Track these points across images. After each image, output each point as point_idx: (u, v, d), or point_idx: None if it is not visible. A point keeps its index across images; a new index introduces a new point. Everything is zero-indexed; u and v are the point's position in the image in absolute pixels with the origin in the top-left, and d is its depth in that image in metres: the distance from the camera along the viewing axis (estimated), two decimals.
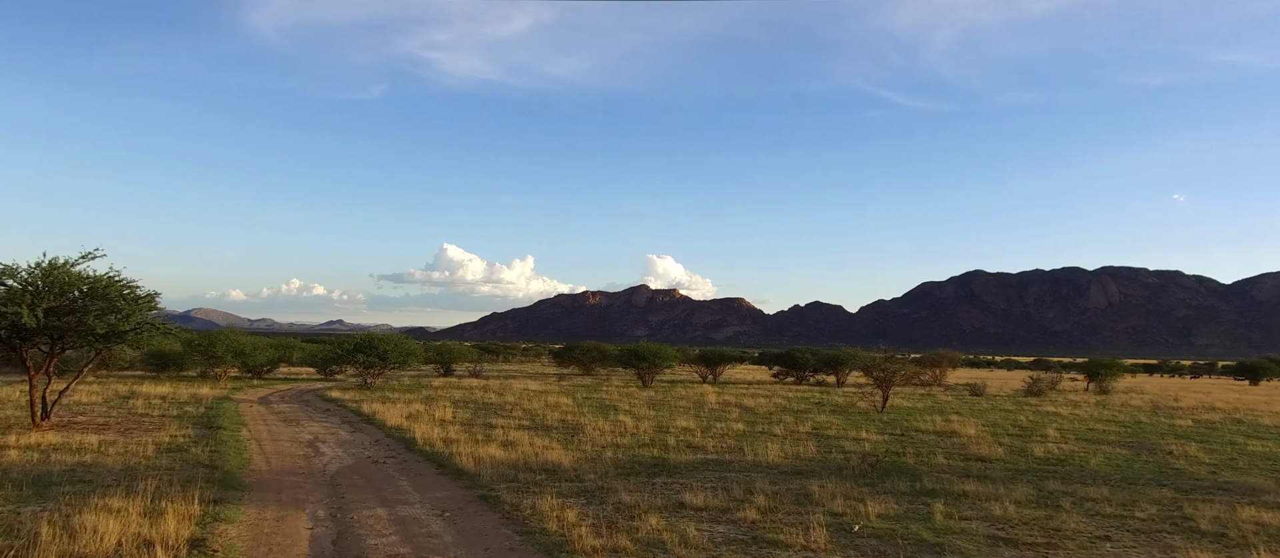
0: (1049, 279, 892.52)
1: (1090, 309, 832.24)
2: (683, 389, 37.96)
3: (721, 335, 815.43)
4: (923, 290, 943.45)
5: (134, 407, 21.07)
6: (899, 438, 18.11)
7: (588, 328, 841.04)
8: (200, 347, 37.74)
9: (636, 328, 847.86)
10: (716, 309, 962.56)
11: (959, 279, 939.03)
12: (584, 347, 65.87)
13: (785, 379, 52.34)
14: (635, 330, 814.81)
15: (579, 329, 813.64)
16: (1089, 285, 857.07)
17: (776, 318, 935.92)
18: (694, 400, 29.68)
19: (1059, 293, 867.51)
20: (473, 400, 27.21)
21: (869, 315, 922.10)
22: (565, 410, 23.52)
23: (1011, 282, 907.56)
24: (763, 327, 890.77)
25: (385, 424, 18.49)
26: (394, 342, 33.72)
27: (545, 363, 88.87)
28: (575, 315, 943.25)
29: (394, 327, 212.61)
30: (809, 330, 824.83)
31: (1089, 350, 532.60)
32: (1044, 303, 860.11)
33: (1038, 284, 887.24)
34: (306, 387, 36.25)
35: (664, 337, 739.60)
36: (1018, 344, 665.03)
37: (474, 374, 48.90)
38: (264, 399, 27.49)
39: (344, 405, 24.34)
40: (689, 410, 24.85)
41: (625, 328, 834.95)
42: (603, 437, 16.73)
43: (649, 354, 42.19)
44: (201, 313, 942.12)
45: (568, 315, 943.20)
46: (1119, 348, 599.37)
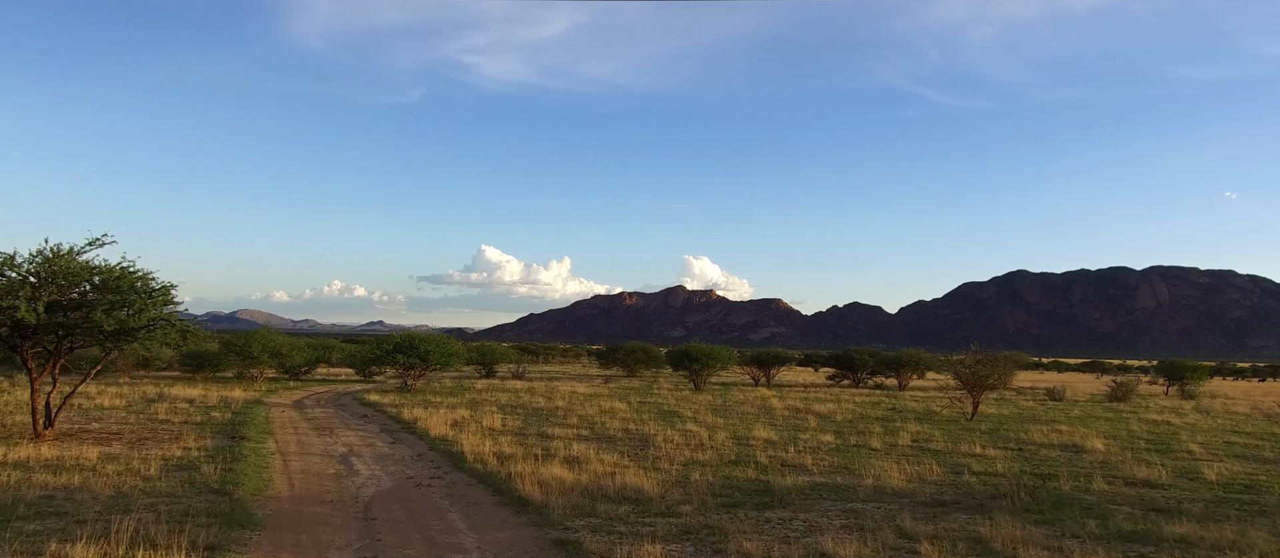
0: (1095, 279, 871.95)
1: (1139, 310, 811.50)
2: (739, 393, 35.54)
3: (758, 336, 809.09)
4: (964, 291, 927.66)
5: (155, 412, 19.23)
6: (1020, 454, 15.56)
7: (624, 329, 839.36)
8: (236, 347, 36.16)
9: (673, 329, 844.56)
10: (753, 310, 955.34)
11: (1001, 279, 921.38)
12: (628, 348, 63.61)
13: (841, 382, 49.65)
14: (671, 331, 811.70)
15: (615, 330, 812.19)
16: (1137, 286, 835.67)
17: (814, 319, 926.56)
18: (758, 406, 27.28)
19: (1105, 293, 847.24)
20: (521, 406, 25.09)
21: (908, 316, 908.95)
22: (624, 418, 21.27)
23: (1056, 282, 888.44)
24: (800, 328, 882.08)
25: (428, 434, 16.37)
26: (435, 342, 31.76)
27: (585, 364, 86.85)
28: (612, 316, 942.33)
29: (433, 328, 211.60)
30: (847, 331, 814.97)
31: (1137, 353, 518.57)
32: (1090, 303, 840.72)
33: (1083, 284, 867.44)
34: (344, 389, 34.45)
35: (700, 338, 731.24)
36: (1062, 346, 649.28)
37: (517, 376, 46.93)
38: (298, 403, 25.63)
39: (383, 411, 22.34)
40: (758, 417, 22.48)
41: (662, 329, 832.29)
42: (678, 451, 14.43)
43: (701, 355, 39.82)
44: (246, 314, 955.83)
45: (604, 316, 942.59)
46: (1169, 349, 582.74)
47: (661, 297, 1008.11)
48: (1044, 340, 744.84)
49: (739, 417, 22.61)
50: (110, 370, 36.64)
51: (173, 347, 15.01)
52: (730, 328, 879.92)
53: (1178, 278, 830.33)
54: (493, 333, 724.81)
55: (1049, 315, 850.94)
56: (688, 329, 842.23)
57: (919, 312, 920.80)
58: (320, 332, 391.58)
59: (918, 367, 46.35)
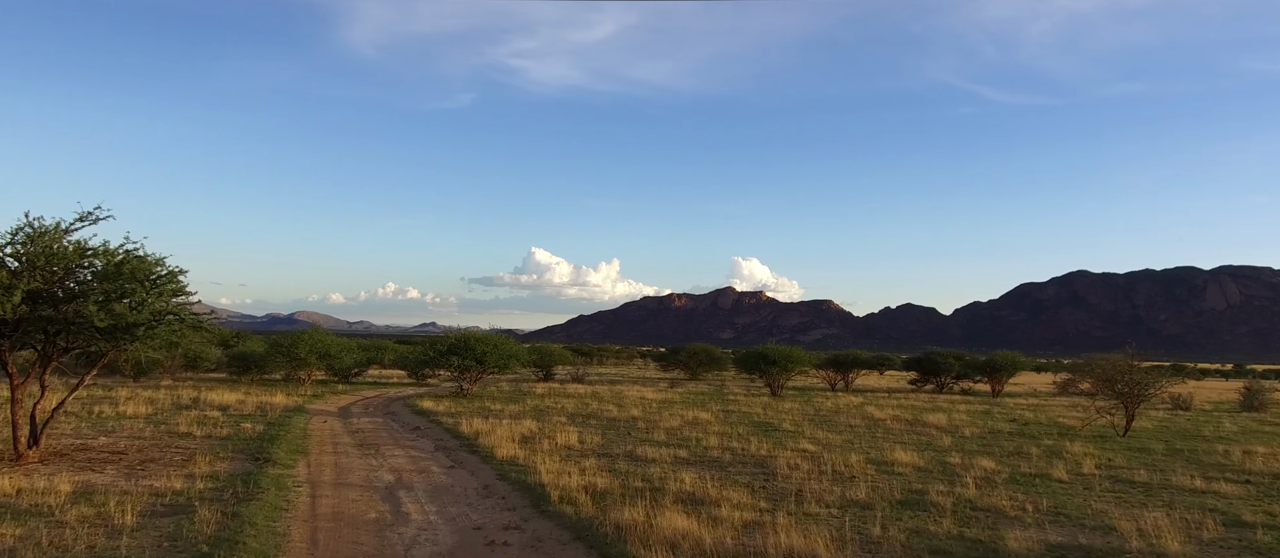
0: (1160, 279, 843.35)
1: (1207, 311, 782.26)
2: (824, 400, 32.06)
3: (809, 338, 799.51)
4: (1022, 292, 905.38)
5: (178, 423, 16.55)
6: (1262, 489, 11.95)
7: (673, 330, 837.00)
8: (283, 348, 33.82)
9: (722, 331, 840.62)
10: (804, 311, 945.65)
11: (1061, 280, 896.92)
12: (690, 349, 60.42)
13: (923, 387, 45.77)
14: (721, 333, 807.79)
15: (664, 331, 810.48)
16: (1205, 286, 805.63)
17: (866, 320, 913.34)
18: (859, 416, 23.84)
19: (1171, 294, 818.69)
20: (592, 414, 22.05)
21: (964, 318, 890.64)
22: (718, 432, 18.05)
23: (1118, 282, 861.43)
24: (852, 329, 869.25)
25: (493, 454, 13.36)
26: (492, 343, 28.91)
27: (640, 366, 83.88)
28: (661, 318, 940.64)
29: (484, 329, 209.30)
30: (900, 333, 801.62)
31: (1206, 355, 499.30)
32: (1155, 304, 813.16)
33: (1148, 284, 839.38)
34: (396, 393, 31.82)
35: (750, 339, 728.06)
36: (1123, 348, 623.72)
37: (576, 379, 43.99)
38: (344, 410, 22.93)
39: (438, 421, 19.45)
40: (870, 431, 19.09)
41: (711, 330, 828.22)
42: (815, 483, 11.19)
43: (778, 358, 36.37)
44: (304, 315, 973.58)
45: (653, 318, 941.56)
46: (1240, 352, 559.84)
47: (711, 298, 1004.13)
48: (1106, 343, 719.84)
49: (849, 431, 19.24)
50: (152, 372, 34.63)
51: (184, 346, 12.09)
52: (780, 330, 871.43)
53: (1249, 278, 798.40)
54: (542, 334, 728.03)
55: (1111, 317, 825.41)
56: (737, 331, 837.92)
57: (974, 313, 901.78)
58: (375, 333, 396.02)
59: (1013, 370, 42.25)
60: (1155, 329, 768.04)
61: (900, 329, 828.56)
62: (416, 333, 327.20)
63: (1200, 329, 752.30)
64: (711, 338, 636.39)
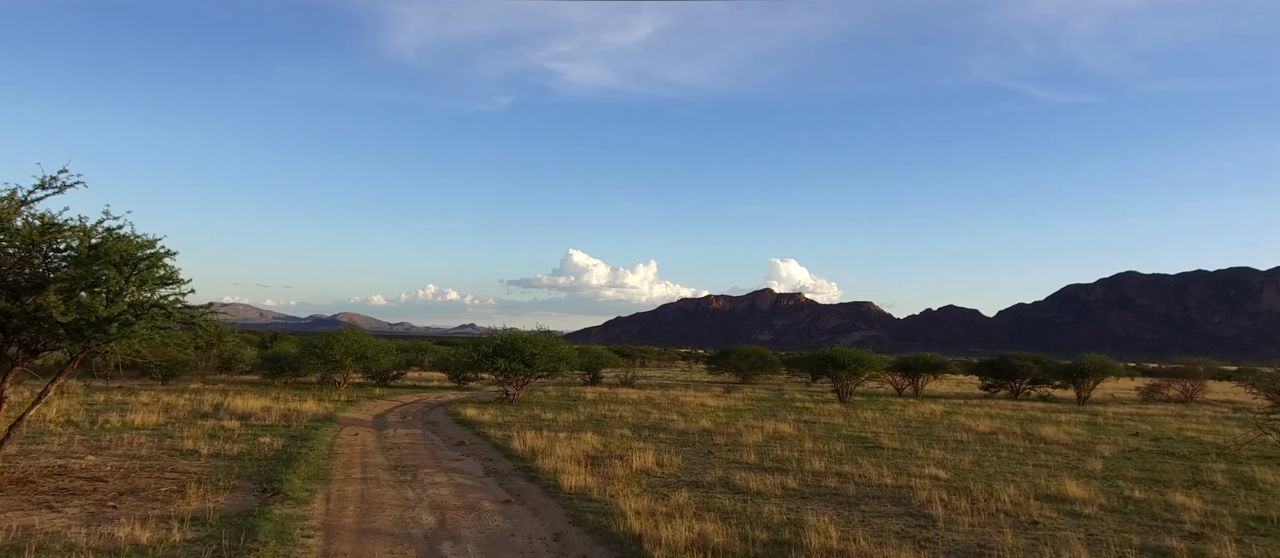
0: (1213, 280, 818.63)
1: (1264, 313, 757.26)
2: (899, 406, 29.01)
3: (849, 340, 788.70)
4: (1068, 293, 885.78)
5: (185, 439, 14.15)
6: None
7: (711, 332, 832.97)
8: (317, 349, 31.66)
9: (760, 332, 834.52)
10: (843, 313, 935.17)
11: (1108, 281, 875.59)
12: (742, 352, 57.71)
13: (996, 393, 42.42)
14: (759, 335, 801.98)
15: (702, 333, 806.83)
16: (1261, 287, 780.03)
17: (907, 322, 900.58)
18: (961, 429, 20.84)
19: (1225, 295, 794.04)
20: (658, 426, 19.36)
21: (1008, 320, 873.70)
22: (811, 450, 15.26)
23: (1169, 283, 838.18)
24: (892, 332, 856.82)
25: (558, 483, 10.73)
26: (541, 343, 26.34)
27: (685, 368, 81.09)
28: (698, 319, 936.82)
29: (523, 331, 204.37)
30: (942, 335, 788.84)
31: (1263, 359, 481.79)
32: (1208, 306, 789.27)
33: (1200, 286, 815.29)
34: (436, 398, 29.44)
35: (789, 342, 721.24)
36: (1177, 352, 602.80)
37: (626, 383, 41.38)
38: (379, 419, 20.51)
39: (484, 434, 16.90)
40: (991, 450, 16.15)
41: (749, 332, 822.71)
42: (997, 533, 8.39)
43: (848, 362, 33.34)
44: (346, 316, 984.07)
45: (691, 319, 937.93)
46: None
47: (748, 300, 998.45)
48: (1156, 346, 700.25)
49: (964, 449, 16.29)
50: (181, 374, 32.69)
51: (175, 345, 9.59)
52: (819, 332, 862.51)
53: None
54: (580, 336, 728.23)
55: (1162, 319, 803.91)
56: (775, 333, 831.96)
57: (1019, 315, 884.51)
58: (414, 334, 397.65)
59: (1103, 375, 38.72)
60: (1209, 332, 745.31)
61: (942, 331, 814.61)
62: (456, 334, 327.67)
63: (1256, 332, 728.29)
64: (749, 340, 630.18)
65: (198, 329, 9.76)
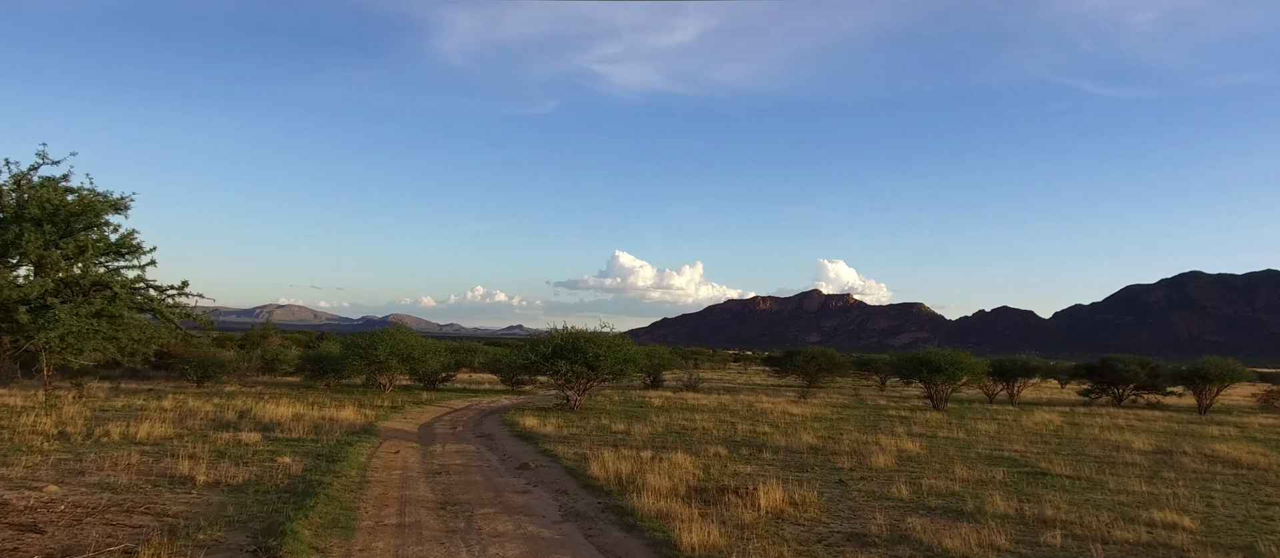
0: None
1: None
2: (1014, 417, 25.39)
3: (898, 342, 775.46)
4: (1128, 294, 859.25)
5: (183, 461, 11.35)
6: None
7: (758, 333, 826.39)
8: (360, 349, 29.10)
9: (808, 334, 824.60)
10: (893, 315, 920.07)
11: (1171, 282, 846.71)
12: (808, 353, 54.21)
13: (1097, 400, 38.37)
14: (807, 336, 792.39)
15: (749, 335, 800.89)
16: None
17: (959, 324, 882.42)
18: (1118, 446, 17.29)
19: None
20: (754, 442, 16.19)
21: (1064, 322, 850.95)
22: (967, 477, 11.97)
23: (1237, 283, 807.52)
24: (944, 334, 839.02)
25: (667, 533, 7.66)
26: (607, 344, 23.30)
27: (737, 370, 77.72)
28: (745, 321, 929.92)
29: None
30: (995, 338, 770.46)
31: None
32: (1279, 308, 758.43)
33: (1271, 286, 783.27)
34: (489, 403, 26.63)
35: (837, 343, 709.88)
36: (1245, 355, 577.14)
37: (689, 386, 38.25)
38: (426, 430, 17.66)
39: (552, 452, 13.89)
40: (1180, 475, 12.68)
41: (796, 334, 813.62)
42: None
43: (944, 365, 29.71)
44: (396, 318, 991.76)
45: (737, 321, 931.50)
46: None
47: (796, 301, 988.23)
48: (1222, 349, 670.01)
49: (1157, 478, 12.82)
50: (217, 376, 30.39)
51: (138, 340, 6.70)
52: (868, 333, 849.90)
53: None
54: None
55: (1228, 321, 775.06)
56: (824, 334, 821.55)
57: (1076, 316, 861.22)
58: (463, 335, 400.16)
59: (1230, 381, 34.48)
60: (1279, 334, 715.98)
61: (995, 333, 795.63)
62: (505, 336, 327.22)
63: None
64: (797, 342, 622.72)
65: (164, 319, 6.89)
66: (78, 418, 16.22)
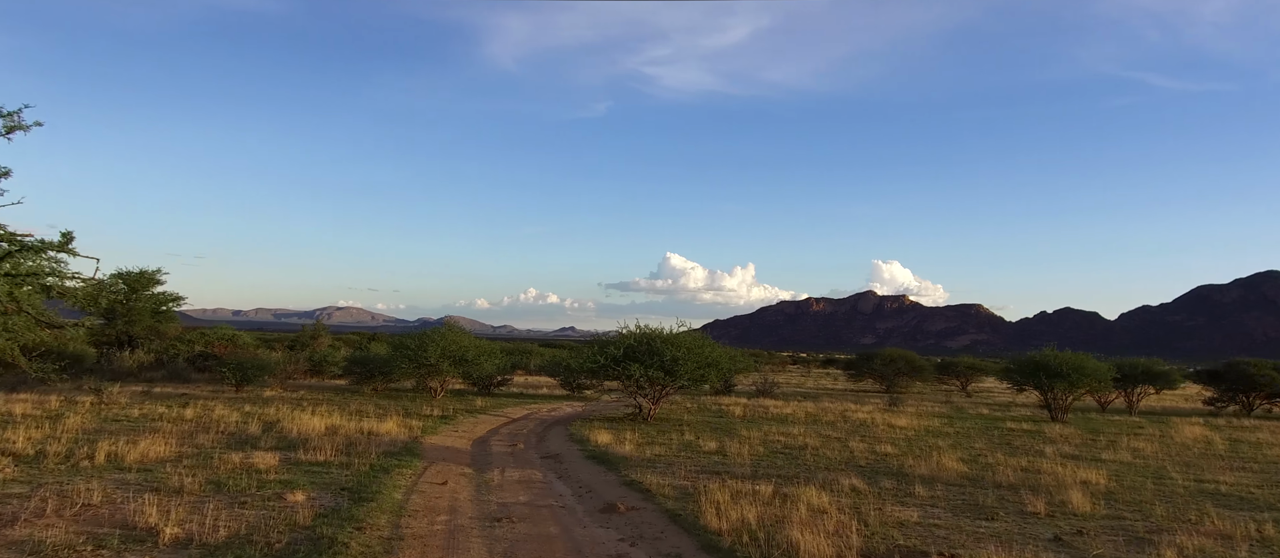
0: None
1: None
2: (1161, 431, 21.61)
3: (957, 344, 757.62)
4: (1199, 294, 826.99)
5: (153, 502, 8.55)
6: None
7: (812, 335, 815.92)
8: (409, 351, 26.43)
9: (863, 336, 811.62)
10: (950, 316, 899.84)
11: (1246, 281, 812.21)
12: (886, 356, 50.31)
13: (1224, 409, 34.08)
14: (861, 338, 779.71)
15: (803, 336, 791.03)
16: None
17: (1019, 326, 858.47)
18: None
19: None
20: (886, 467, 12.90)
21: (1131, 323, 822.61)
22: (1221, 532, 8.60)
23: None
24: (1004, 336, 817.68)
25: None
26: (686, 344, 20.16)
27: (798, 372, 73.96)
28: (798, 322, 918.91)
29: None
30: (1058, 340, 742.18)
31: None
32: None
33: None
34: (549, 411, 23.73)
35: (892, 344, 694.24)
36: None
37: (764, 392, 34.91)
38: (480, 448, 14.72)
39: (640, 485, 10.80)
40: None
41: (851, 336, 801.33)
42: None
43: (1067, 370, 25.91)
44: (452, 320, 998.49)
45: (790, 322, 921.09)
46: None
47: (850, 302, 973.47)
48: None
49: None
50: (257, 379, 28.01)
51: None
52: (925, 335, 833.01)
53: None
54: None
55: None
56: (879, 336, 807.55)
57: (1144, 318, 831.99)
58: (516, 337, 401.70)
59: None
60: None
61: (1058, 335, 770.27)
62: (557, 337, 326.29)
63: None
64: (852, 343, 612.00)
65: None
66: (72, 432, 13.68)
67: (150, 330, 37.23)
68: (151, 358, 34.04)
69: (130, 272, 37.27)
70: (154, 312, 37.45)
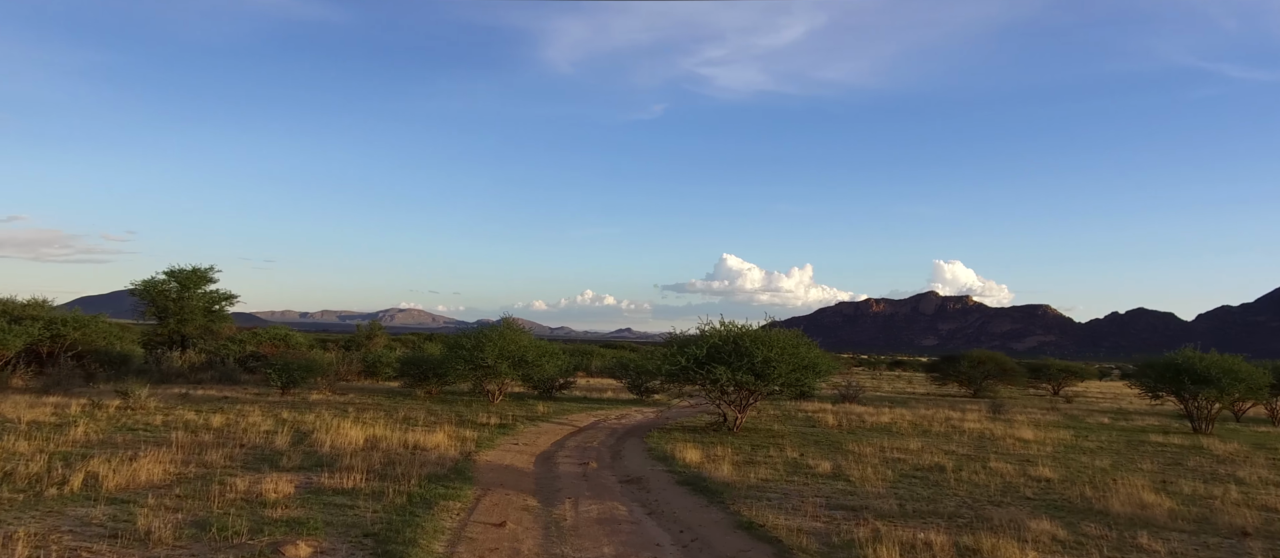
0: None
1: None
2: None
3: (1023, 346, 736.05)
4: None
5: (113, 549, 6.15)
6: None
7: (871, 337, 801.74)
8: (464, 351, 24.10)
9: (924, 337, 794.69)
10: (1016, 317, 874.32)
11: None
12: (973, 357, 46.54)
13: None
14: (923, 340, 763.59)
15: (862, 338, 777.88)
16: None
17: (1089, 327, 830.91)
18: None
19: None
20: (1070, 506, 9.97)
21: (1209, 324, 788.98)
22: None
23: None
24: (1073, 337, 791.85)
25: None
26: (779, 345, 17.38)
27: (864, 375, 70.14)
28: (857, 324, 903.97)
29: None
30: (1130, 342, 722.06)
31: None
32: None
33: None
34: (618, 418, 21.15)
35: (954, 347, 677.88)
36: None
37: (848, 397, 31.80)
38: (545, 467, 12.17)
39: (758, 527, 8.08)
40: None
41: (912, 337, 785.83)
42: None
43: (1216, 375, 22.35)
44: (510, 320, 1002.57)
45: (849, 324, 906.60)
46: None
47: (911, 303, 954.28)
48: None
49: None
50: (303, 382, 26.03)
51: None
52: (989, 337, 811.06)
53: None
54: None
55: None
56: (941, 338, 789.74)
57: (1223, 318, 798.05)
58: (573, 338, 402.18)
59: None
60: None
61: (1130, 337, 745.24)
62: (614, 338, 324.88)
63: None
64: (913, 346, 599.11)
65: None
66: (69, 445, 11.56)
67: (203, 330, 35.77)
68: (203, 359, 32.43)
69: (182, 269, 35.92)
70: (206, 311, 36.02)
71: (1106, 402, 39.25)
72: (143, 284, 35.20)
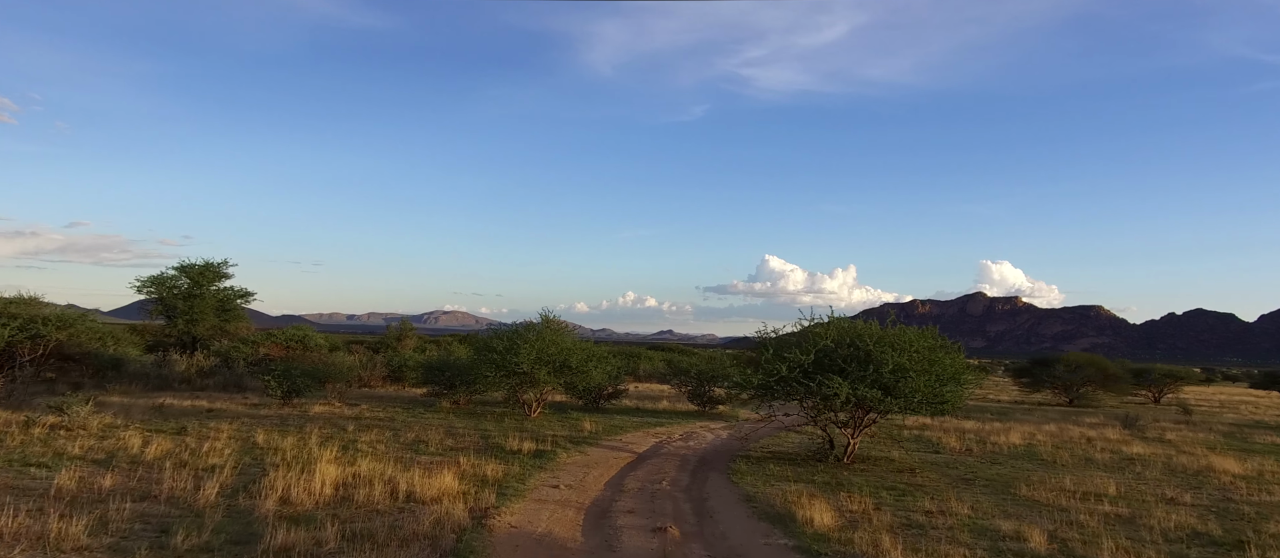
0: None
1: None
2: None
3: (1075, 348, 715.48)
4: None
5: None
6: None
7: None
8: (495, 355, 19.79)
9: (972, 339, 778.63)
10: (1067, 318, 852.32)
11: None
12: (1069, 362, 41.36)
13: None
14: (971, 342, 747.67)
15: None
16: None
17: (1145, 328, 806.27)
18: None
19: None
20: None
21: (1272, 325, 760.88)
22: None
23: None
24: (1127, 339, 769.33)
25: None
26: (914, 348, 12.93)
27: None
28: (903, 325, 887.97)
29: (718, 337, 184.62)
30: (1189, 343, 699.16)
31: None
32: None
33: None
34: (683, 438, 16.75)
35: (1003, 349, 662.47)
36: None
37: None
38: (598, 535, 7.83)
39: None
40: None
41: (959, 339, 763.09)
42: None
43: None
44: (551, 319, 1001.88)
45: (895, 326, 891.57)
46: None
47: (958, 305, 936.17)
48: None
49: None
50: (312, 387, 22.09)
51: None
52: (1040, 339, 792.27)
53: None
54: None
55: None
56: (989, 340, 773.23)
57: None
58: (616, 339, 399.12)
59: None
60: None
61: (1188, 338, 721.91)
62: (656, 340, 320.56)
63: None
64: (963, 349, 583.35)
65: None
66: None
67: (215, 330, 32.26)
68: (212, 362, 28.74)
69: (193, 263, 32.49)
70: (219, 309, 32.52)
71: (1229, 412, 34.02)
72: (149, 280, 31.88)
